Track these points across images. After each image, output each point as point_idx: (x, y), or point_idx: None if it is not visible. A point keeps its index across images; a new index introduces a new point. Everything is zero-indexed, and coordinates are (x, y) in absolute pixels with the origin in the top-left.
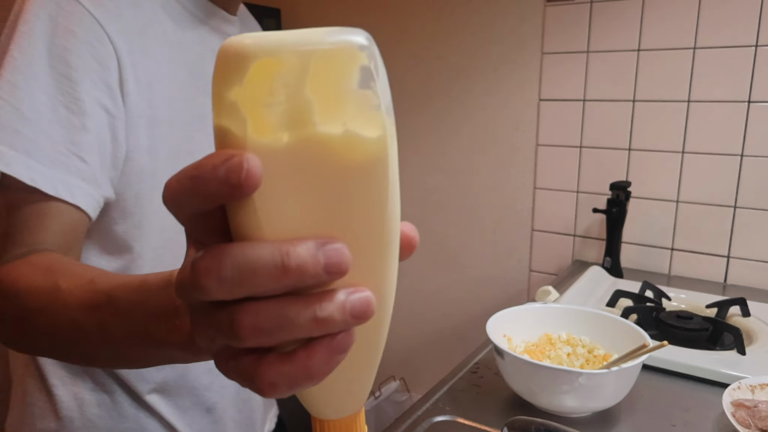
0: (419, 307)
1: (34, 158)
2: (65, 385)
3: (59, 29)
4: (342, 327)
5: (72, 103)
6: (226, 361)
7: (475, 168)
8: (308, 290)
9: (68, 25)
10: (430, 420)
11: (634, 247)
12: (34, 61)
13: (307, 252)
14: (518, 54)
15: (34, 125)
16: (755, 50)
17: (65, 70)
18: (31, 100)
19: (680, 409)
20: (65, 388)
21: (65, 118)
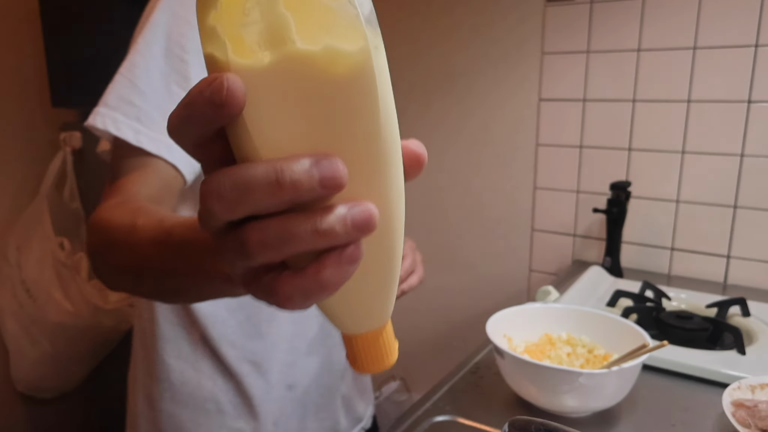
0: (419, 307)
1: (143, 124)
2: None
3: (178, 19)
4: (346, 239)
5: (183, 81)
6: (249, 283)
7: (475, 168)
8: (311, 207)
9: (185, 15)
10: (430, 420)
11: (634, 247)
12: (153, 45)
13: (300, 168)
14: (518, 54)
15: (146, 97)
16: (755, 50)
17: (180, 53)
18: (147, 76)
19: (680, 409)
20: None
21: (176, 93)
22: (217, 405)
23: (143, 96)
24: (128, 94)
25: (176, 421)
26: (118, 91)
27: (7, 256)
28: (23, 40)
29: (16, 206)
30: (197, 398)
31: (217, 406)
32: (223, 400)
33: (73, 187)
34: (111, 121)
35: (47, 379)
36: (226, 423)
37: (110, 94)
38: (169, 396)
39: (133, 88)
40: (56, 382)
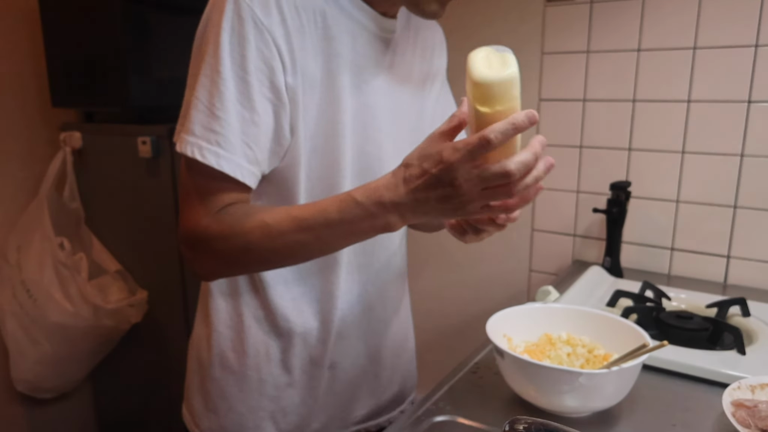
0: (419, 307)
1: (223, 148)
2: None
3: (239, 38)
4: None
5: (246, 102)
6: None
7: None
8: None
9: (244, 33)
10: (430, 420)
11: (634, 247)
12: (222, 68)
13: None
14: (518, 54)
15: (222, 122)
16: (755, 50)
17: (242, 74)
18: (221, 101)
19: (680, 409)
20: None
21: (241, 114)
22: (258, 374)
23: (221, 122)
24: (209, 123)
25: (221, 385)
26: (201, 120)
27: (7, 257)
28: (23, 40)
29: (16, 206)
30: (242, 366)
31: (258, 375)
32: (264, 370)
33: (73, 187)
34: (197, 149)
35: (47, 379)
36: (267, 392)
37: (194, 124)
38: (218, 361)
39: (211, 114)
40: (56, 382)
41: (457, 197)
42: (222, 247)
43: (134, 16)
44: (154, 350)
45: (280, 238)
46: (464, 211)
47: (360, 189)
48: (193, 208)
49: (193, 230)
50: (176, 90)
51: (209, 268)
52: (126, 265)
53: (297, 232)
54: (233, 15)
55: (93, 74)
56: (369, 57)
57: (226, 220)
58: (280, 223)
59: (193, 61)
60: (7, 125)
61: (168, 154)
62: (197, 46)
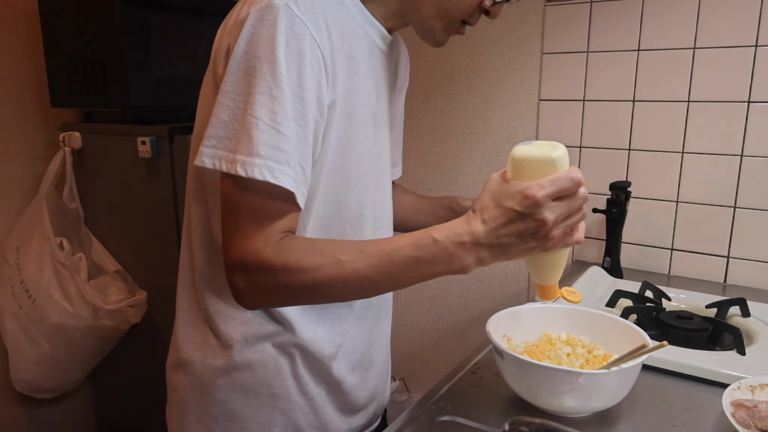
0: (419, 308)
1: (291, 167)
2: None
3: (296, 53)
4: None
5: (301, 119)
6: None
7: (475, 168)
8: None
9: (300, 48)
10: (430, 420)
11: (634, 247)
12: (282, 84)
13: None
14: (518, 54)
15: (288, 140)
16: (755, 50)
17: (299, 91)
18: (285, 119)
19: (680, 409)
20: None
21: (297, 132)
22: (270, 389)
23: (287, 140)
24: (276, 141)
25: (228, 407)
26: (265, 139)
27: (7, 257)
28: (22, 40)
29: (15, 206)
30: (252, 383)
31: (270, 390)
32: (275, 384)
33: (72, 187)
34: (267, 171)
35: (47, 379)
36: (278, 406)
37: (258, 144)
38: (223, 383)
39: (278, 134)
40: (56, 382)
41: (542, 230)
42: (285, 281)
43: (134, 16)
44: (154, 350)
45: (353, 275)
46: (547, 242)
47: (438, 228)
48: (249, 235)
49: (253, 260)
50: (176, 90)
51: (263, 300)
52: (125, 266)
53: (369, 269)
54: (288, 30)
55: (93, 74)
56: (378, 75)
57: (293, 254)
58: (354, 261)
59: (236, 79)
60: (6, 125)
61: (167, 154)
62: (242, 63)
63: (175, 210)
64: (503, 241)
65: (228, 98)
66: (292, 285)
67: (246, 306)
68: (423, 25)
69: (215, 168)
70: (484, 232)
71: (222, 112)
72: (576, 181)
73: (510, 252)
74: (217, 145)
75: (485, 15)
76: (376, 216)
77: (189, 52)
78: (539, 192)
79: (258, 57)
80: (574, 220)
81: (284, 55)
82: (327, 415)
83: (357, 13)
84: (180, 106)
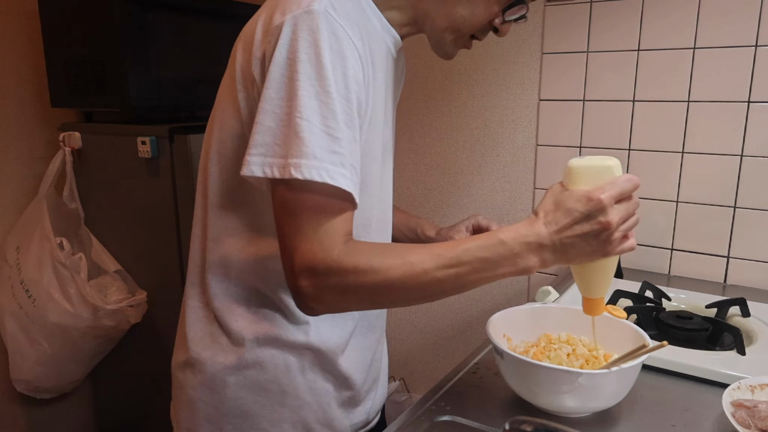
0: (419, 308)
1: (347, 169)
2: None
3: (339, 56)
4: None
5: (350, 121)
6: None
7: (474, 168)
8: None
9: (342, 51)
10: (430, 420)
11: None
12: (330, 88)
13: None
14: (518, 54)
15: (342, 143)
16: (755, 50)
17: (345, 93)
18: (335, 122)
19: (680, 409)
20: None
21: (349, 134)
22: (279, 386)
23: (341, 143)
24: (330, 145)
25: (239, 404)
26: (320, 143)
27: (7, 257)
28: (22, 39)
29: (15, 206)
30: (262, 381)
31: (279, 387)
32: (284, 381)
33: (72, 187)
34: (325, 172)
35: (47, 379)
36: (288, 403)
37: (313, 147)
38: (234, 381)
39: (332, 138)
40: (56, 382)
41: (605, 232)
42: (356, 282)
43: (134, 16)
44: (154, 350)
45: (423, 276)
46: (608, 245)
47: (503, 230)
48: (314, 239)
49: (321, 261)
50: (176, 90)
51: (331, 303)
52: (125, 266)
53: (438, 270)
54: (329, 34)
55: (93, 74)
56: (389, 81)
57: (362, 256)
58: (423, 261)
59: (279, 85)
60: (6, 125)
61: (167, 154)
62: (286, 69)
63: (175, 210)
64: (566, 242)
65: (273, 105)
66: (363, 286)
67: (310, 312)
68: (434, 35)
69: (266, 176)
70: (548, 233)
71: (268, 119)
72: (635, 183)
73: (571, 253)
74: (265, 152)
75: (494, 32)
76: (381, 218)
77: (189, 52)
78: (604, 194)
79: (302, 61)
80: (631, 223)
81: (329, 59)
82: (333, 411)
83: (376, 20)
84: (180, 106)
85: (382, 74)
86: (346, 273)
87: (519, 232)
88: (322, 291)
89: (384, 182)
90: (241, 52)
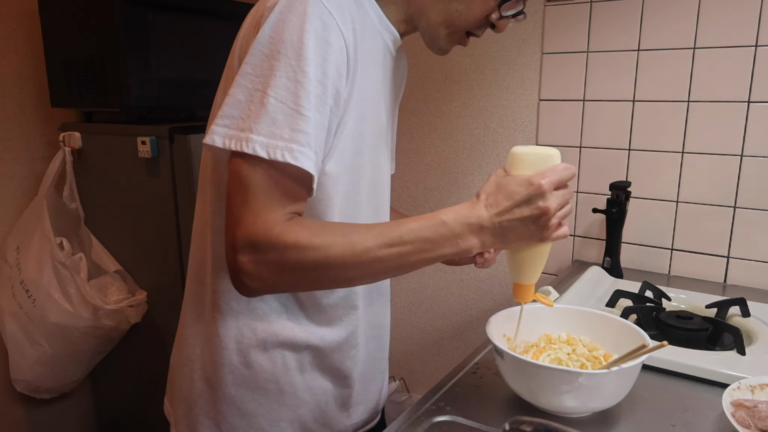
0: (419, 308)
1: (311, 149)
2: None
3: (323, 42)
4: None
5: (321, 106)
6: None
7: (475, 168)
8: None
9: (327, 38)
10: (430, 420)
11: (634, 247)
12: (308, 69)
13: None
14: (518, 54)
15: (310, 122)
16: (755, 50)
17: (322, 78)
18: (308, 102)
19: (680, 409)
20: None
21: (318, 119)
22: (278, 385)
23: (309, 122)
24: (297, 123)
25: (237, 403)
26: (286, 121)
27: (7, 257)
28: (22, 40)
29: (15, 206)
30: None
31: (277, 386)
32: (282, 380)
33: (72, 187)
34: (288, 152)
35: (47, 379)
36: (286, 402)
37: (277, 125)
38: (232, 379)
39: (300, 116)
40: (56, 382)
41: (543, 217)
42: (295, 258)
43: (134, 16)
44: (154, 350)
45: (365, 255)
46: (545, 230)
47: (444, 211)
48: (259, 213)
49: (263, 236)
50: (176, 90)
51: (268, 281)
52: (126, 266)
53: (380, 248)
54: (317, 19)
55: (92, 74)
56: (386, 78)
57: (303, 232)
58: (365, 239)
59: (257, 61)
60: (6, 125)
61: (167, 154)
62: (266, 47)
63: (175, 210)
64: (505, 225)
65: (247, 80)
66: (302, 262)
67: (245, 290)
68: (428, 31)
69: (225, 147)
70: (489, 216)
71: (239, 92)
72: (572, 172)
73: (509, 237)
74: (230, 124)
75: (491, 28)
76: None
77: (189, 51)
78: (544, 180)
79: (284, 42)
80: (566, 211)
81: (312, 42)
82: (330, 411)
83: (374, 15)
84: (180, 106)
85: (378, 70)
86: (285, 248)
87: (460, 213)
88: (260, 267)
89: (376, 181)
90: (242, 36)
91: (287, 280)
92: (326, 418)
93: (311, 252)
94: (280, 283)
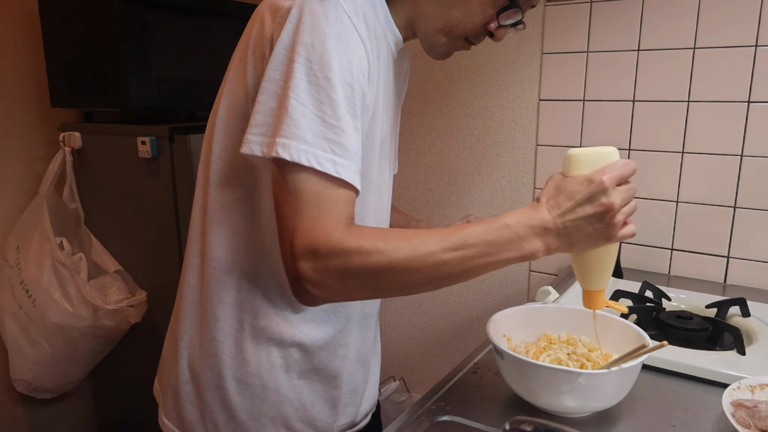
0: (419, 308)
1: (340, 156)
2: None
3: (345, 44)
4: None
5: (352, 109)
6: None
7: (475, 168)
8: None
9: (348, 39)
10: (430, 420)
11: (634, 247)
12: (331, 75)
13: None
14: (518, 54)
15: (337, 130)
16: (755, 50)
17: (350, 80)
18: (332, 109)
19: (680, 409)
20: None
21: (350, 122)
22: (261, 380)
23: (335, 130)
24: (322, 131)
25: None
26: (311, 127)
27: (7, 257)
28: (22, 40)
29: (15, 206)
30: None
31: (261, 381)
32: (266, 376)
33: (72, 187)
34: (312, 157)
35: (46, 379)
36: (269, 398)
37: (304, 130)
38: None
39: (325, 124)
40: (56, 382)
41: (608, 214)
42: (359, 264)
43: (134, 16)
44: (154, 350)
45: (429, 258)
46: (611, 228)
47: (507, 214)
48: (315, 219)
49: (324, 242)
50: (176, 90)
51: (331, 288)
52: (125, 266)
53: (444, 252)
54: (336, 22)
55: (92, 74)
56: (390, 80)
57: (366, 237)
58: (428, 243)
59: (279, 66)
60: (6, 125)
61: (167, 154)
62: (287, 49)
63: (175, 210)
64: (570, 225)
65: (275, 85)
66: (366, 268)
67: (307, 299)
68: (427, 37)
69: (263, 155)
70: (552, 217)
71: (270, 99)
72: (632, 167)
73: (575, 237)
74: (265, 132)
75: (489, 37)
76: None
77: (189, 51)
78: (605, 176)
79: (304, 44)
80: (631, 207)
81: (334, 45)
82: (316, 411)
83: (383, 17)
84: (180, 106)
85: (385, 72)
86: (349, 254)
87: (523, 216)
88: (323, 274)
89: (381, 181)
90: (259, 25)
91: (350, 286)
92: (311, 417)
93: (375, 256)
94: (343, 290)
